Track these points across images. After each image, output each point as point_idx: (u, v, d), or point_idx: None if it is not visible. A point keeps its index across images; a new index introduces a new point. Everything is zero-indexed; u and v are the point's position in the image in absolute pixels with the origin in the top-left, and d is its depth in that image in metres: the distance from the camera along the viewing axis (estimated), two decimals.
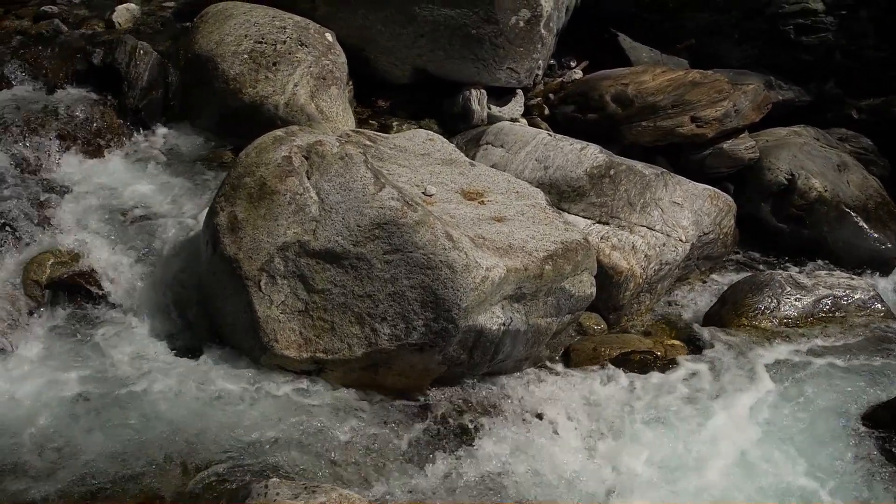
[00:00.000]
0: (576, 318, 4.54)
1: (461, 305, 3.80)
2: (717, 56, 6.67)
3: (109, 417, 3.70)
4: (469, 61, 5.77)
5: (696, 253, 5.23)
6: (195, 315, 4.33)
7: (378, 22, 5.77)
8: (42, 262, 4.34)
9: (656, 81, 5.90)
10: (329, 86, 5.35)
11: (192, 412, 3.75)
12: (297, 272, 3.92)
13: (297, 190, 3.97)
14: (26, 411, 3.73)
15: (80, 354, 4.10)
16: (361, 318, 3.89)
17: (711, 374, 4.45)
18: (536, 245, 4.15)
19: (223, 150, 5.24)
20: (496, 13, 5.57)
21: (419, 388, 4.10)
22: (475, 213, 4.27)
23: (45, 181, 4.82)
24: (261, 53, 5.31)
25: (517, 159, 5.25)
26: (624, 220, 4.98)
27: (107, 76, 5.37)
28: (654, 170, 5.28)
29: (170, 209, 4.77)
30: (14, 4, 6.44)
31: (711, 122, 5.75)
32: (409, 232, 3.82)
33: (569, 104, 6.09)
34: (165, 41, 5.90)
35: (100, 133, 5.16)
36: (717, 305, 5.05)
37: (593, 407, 4.26)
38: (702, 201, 5.25)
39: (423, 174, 4.51)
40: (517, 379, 4.33)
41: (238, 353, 4.08)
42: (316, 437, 3.70)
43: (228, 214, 4.02)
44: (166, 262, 4.50)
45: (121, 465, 3.44)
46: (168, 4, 6.70)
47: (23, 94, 5.23)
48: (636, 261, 4.84)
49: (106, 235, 4.59)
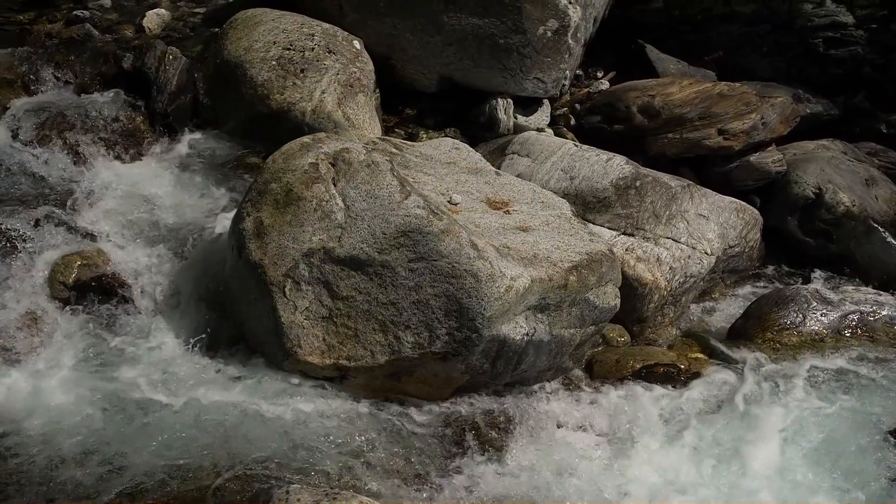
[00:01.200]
0: (599, 329, 4.52)
1: (485, 315, 3.79)
2: (744, 68, 6.65)
3: (131, 421, 3.71)
4: (496, 70, 5.78)
5: (722, 266, 5.20)
6: (219, 319, 4.34)
7: (406, 30, 5.78)
8: (69, 264, 4.37)
9: (683, 93, 5.88)
10: (356, 93, 5.37)
11: (214, 416, 3.75)
12: (321, 278, 3.93)
13: (324, 197, 3.98)
14: (48, 411, 3.75)
15: (105, 356, 4.12)
16: (385, 326, 3.89)
17: (735, 389, 4.42)
18: (561, 255, 4.14)
19: (250, 156, 5.25)
20: (524, 23, 5.58)
21: (441, 397, 4.09)
22: (500, 223, 4.27)
23: (73, 183, 4.85)
24: (289, 60, 5.33)
25: (543, 169, 5.25)
26: (649, 232, 4.96)
27: (136, 80, 5.41)
28: (680, 182, 5.26)
29: (196, 213, 4.79)
30: (47, 9, 6.50)
31: (738, 135, 5.72)
32: (434, 240, 3.82)
33: (595, 115, 6.08)
34: (195, 46, 5.94)
35: (128, 137, 5.19)
36: (741, 319, 5.01)
37: (615, 419, 4.25)
38: (728, 214, 5.22)
39: (449, 183, 4.51)
40: (539, 389, 4.32)
41: (262, 358, 4.09)
42: (337, 444, 3.70)
43: (254, 220, 4.03)
44: (192, 266, 4.52)
45: (140, 469, 3.45)
46: (198, 10, 6.75)
47: (54, 97, 5.27)
48: (661, 273, 4.82)
49: (132, 238, 4.62)
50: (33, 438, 3.59)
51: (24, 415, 3.72)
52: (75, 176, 4.92)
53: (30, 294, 4.22)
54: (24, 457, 3.47)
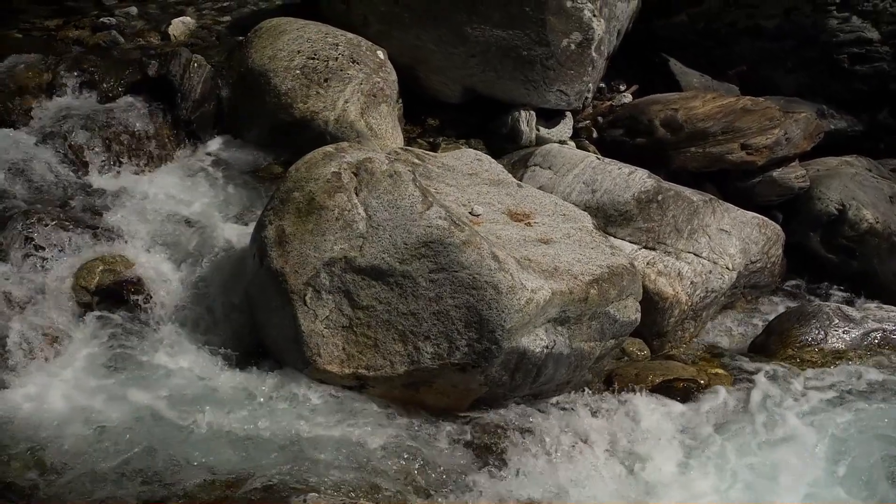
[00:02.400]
0: (619, 343, 4.51)
1: (505, 326, 3.79)
2: (768, 83, 6.62)
3: (150, 427, 3.71)
4: (519, 82, 5.78)
5: (743, 281, 5.18)
6: (240, 326, 4.36)
7: (430, 41, 5.80)
8: (91, 269, 4.39)
9: (706, 107, 5.86)
10: (379, 103, 5.38)
11: (232, 425, 3.75)
12: (342, 288, 3.93)
13: (346, 206, 3.99)
14: (68, 416, 3.77)
15: (125, 362, 4.13)
16: (405, 336, 3.89)
17: (756, 405, 4.39)
18: (582, 268, 4.13)
19: (273, 164, 5.27)
20: (548, 35, 5.59)
21: (460, 408, 4.09)
22: (521, 235, 4.27)
23: (97, 189, 4.88)
24: (313, 69, 5.35)
25: (565, 182, 5.24)
26: (671, 246, 4.95)
27: (161, 88, 5.43)
28: (703, 196, 5.25)
29: (218, 221, 4.80)
30: (74, 15, 6.56)
31: (762, 150, 5.70)
32: (456, 251, 3.82)
33: (617, 128, 6.07)
34: (219, 55, 5.96)
35: (152, 143, 5.22)
36: (763, 335, 4.99)
37: (634, 434, 4.22)
38: (750, 229, 5.20)
39: (471, 194, 4.51)
40: (558, 402, 4.31)
41: (281, 366, 4.09)
42: (355, 454, 3.69)
43: (276, 228, 4.05)
44: (213, 273, 4.54)
45: (156, 477, 3.45)
46: (223, 19, 6.79)
47: (79, 102, 5.30)
48: (682, 287, 4.80)
49: (155, 245, 4.63)
50: (46, 444, 3.59)
51: (40, 420, 3.73)
52: (98, 181, 4.94)
53: (52, 298, 4.24)
54: (34, 463, 3.49)
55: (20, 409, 3.77)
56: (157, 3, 7.08)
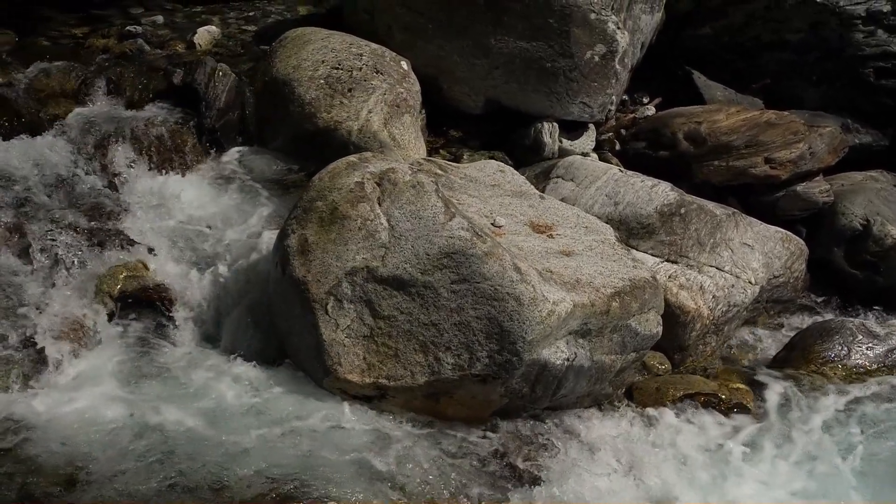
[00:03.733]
0: (640, 356, 4.49)
1: (526, 338, 3.78)
2: (793, 97, 6.59)
3: (169, 435, 3.72)
4: (542, 94, 5.78)
5: (766, 296, 5.15)
6: (261, 335, 4.37)
7: (454, 52, 5.81)
8: (115, 275, 4.42)
9: (730, 121, 5.84)
10: (402, 113, 5.39)
11: (251, 432, 3.77)
12: (363, 297, 3.94)
13: (368, 216, 4.00)
14: (90, 421, 3.79)
15: (146, 368, 4.16)
16: (425, 347, 3.89)
17: (777, 421, 4.38)
18: (604, 281, 4.12)
19: (296, 173, 5.28)
20: (572, 47, 5.58)
21: (479, 419, 4.08)
22: (543, 247, 4.26)
23: (121, 196, 4.91)
24: (337, 79, 5.37)
25: (587, 194, 5.23)
26: (693, 260, 4.93)
27: (186, 96, 5.47)
28: (726, 210, 5.22)
29: (241, 229, 4.82)
30: (101, 23, 6.62)
31: (785, 164, 5.67)
32: (478, 262, 3.82)
33: (640, 140, 6.06)
34: (244, 64, 6.01)
35: (176, 151, 5.24)
36: (785, 350, 4.96)
37: (653, 448, 4.20)
38: (773, 244, 5.18)
39: (493, 205, 4.51)
40: (578, 415, 4.30)
41: (302, 374, 4.11)
42: (374, 464, 3.69)
43: (299, 237, 4.06)
44: (235, 281, 4.56)
45: (176, 483, 3.47)
46: (248, 28, 6.83)
47: (105, 110, 5.34)
48: (704, 301, 4.78)
49: (178, 252, 4.67)
50: (67, 449, 3.62)
51: (62, 426, 3.76)
52: (123, 188, 4.97)
53: (75, 304, 4.27)
54: (57, 470, 3.50)
55: (42, 414, 3.79)
56: (182, 13, 7.14)
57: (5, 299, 4.13)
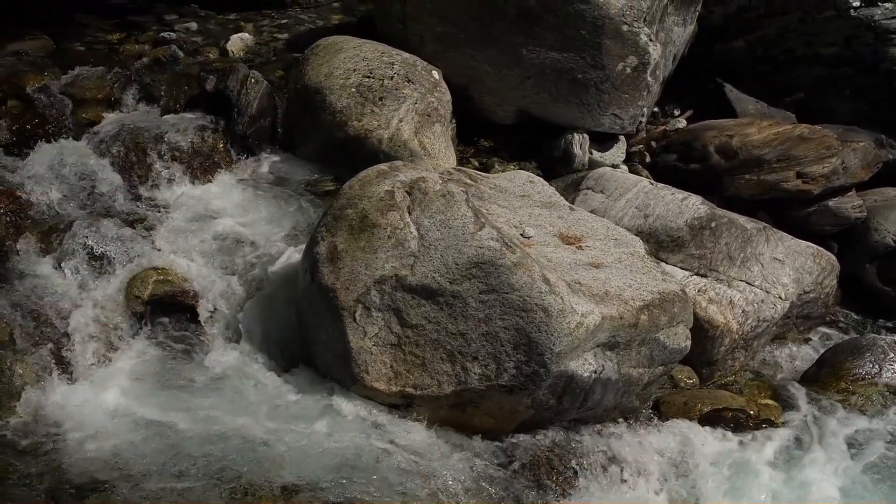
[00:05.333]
0: (668, 370, 4.46)
1: (554, 350, 3.77)
2: (826, 111, 6.54)
3: (194, 439, 3.75)
4: (573, 105, 5.77)
5: (796, 311, 5.11)
6: (289, 340, 4.39)
7: (485, 62, 5.82)
8: (145, 279, 4.46)
9: (762, 134, 5.81)
10: (433, 123, 5.40)
11: (277, 437, 3.78)
12: (392, 306, 3.95)
13: (398, 225, 4.00)
14: (120, 422, 3.83)
15: (174, 371, 4.20)
16: (453, 356, 3.89)
17: (806, 438, 4.34)
18: (633, 294, 4.10)
19: (326, 181, 5.30)
20: (604, 59, 5.58)
21: (505, 430, 4.07)
22: (572, 258, 4.25)
23: (153, 200, 4.96)
24: (368, 88, 5.39)
25: (617, 206, 5.21)
26: (723, 274, 4.89)
27: (218, 102, 5.50)
28: (756, 224, 5.19)
29: (270, 235, 4.84)
30: (135, 30, 6.69)
31: (818, 179, 5.63)
32: (507, 273, 3.81)
33: (671, 153, 6.04)
34: (276, 71, 6.05)
35: (208, 157, 5.28)
36: (814, 367, 4.92)
37: (679, 463, 4.18)
38: (804, 259, 5.13)
39: (522, 216, 4.51)
40: (605, 428, 4.28)
41: (328, 381, 4.11)
42: (396, 472, 3.69)
43: (329, 244, 4.07)
44: (264, 287, 4.58)
45: (201, 486, 3.49)
46: (281, 36, 6.87)
47: (138, 115, 5.39)
48: (733, 316, 4.75)
49: (208, 257, 4.69)
50: (98, 449, 3.66)
51: (92, 426, 3.80)
52: (155, 193, 5.02)
53: (105, 307, 4.31)
54: (82, 466, 3.55)
55: (72, 413, 3.85)
56: (216, 20, 7.20)
57: (38, 300, 4.17)
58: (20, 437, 3.70)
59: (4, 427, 3.73)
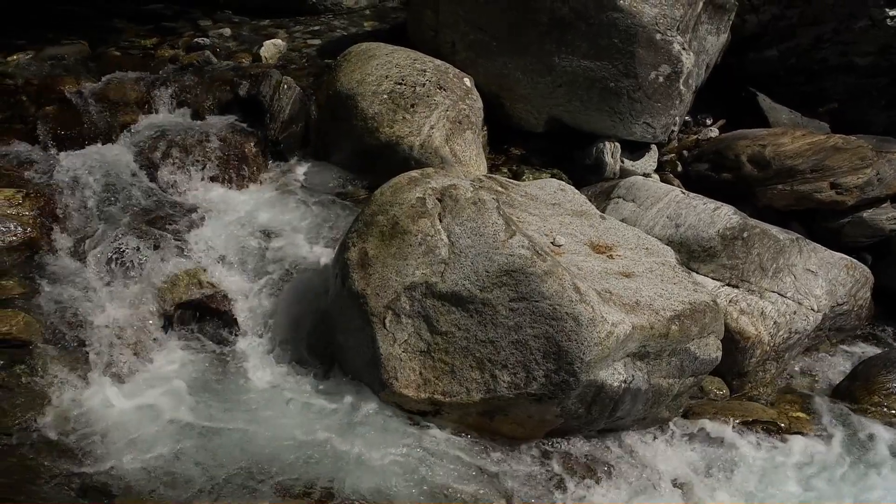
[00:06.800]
0: (698, 381, 4.43)
1: (584, 359, 3.76)
2: (860, 121, 6.46)
3: (225, 441, 3.79)
4: (605, 114, 5.76)
5: (828, 324, 5.05)
6: (318, 345, 4.41)
7: (517, 70, 5.82)
8: (177, 283, 4.49)
9: (795, 144, 5.76)
10: (464, 130, 5.41)
11: (304, 440, 3.81)
12: (422, 312, 3.95)
13: (429, 231, 4.01)
14: (150, 423, 3.88)
15: (203, 375, 4.23)
16: (482, 364, 3.89)
17: (838, 452, 4.29)
18: (664, 304, 4.08)
19: (357, 187, 5.33)
20: (636, 67, 5.55)
21: (534, 439, 4.07)
22: (603, 267, 4.23)
23: (185, 205, 5.00)
24: (400, 94, 5.40)
25: (648, 215, 5.19)
26: (754, 285, 4.86)
27: (251, 108, 5.55)
28: (789, 235, 5.14)
29: (301, 240, 4.87)
30: (170, 35, 6.75)
31: (852, 190, 5.57)
32: (537, 281, 3.80)
33: (703, 162, 6.00)
34: (309, 77, 6.07)
35: (240, 162, 5.31)
36: (847, 380, 4.86)
37: (708, 475, 4.15)
38: (837, 271, 5.07)
39: (553, 224, 4.50)
40: (633, 438, 4.26)
41: (357, 386, 4.13)
42: (424, 478, 3.71)
43: (359, 250, 4.09)
44: (294, 292, 4.60)
45: (231, 489, 3.51)
46: (313, 42, 6.91)
47: (171, 120, 5.44)
48: (764, 327, 4.71)
49: (238, 261, 4.72)
50: (125, 451, 3.71)
51: (121, 427, 3.85)
52: (187, 197, 5.06)
53: (137, 309, 4.34)
54: (112, 468, 3.60)
55: (105, 417, 3.88)
56: (249, 26, 7.25)
57: (71, 302, 4.21)
58: (52, 437, 3.75)
59: (37, 427, 3.78)
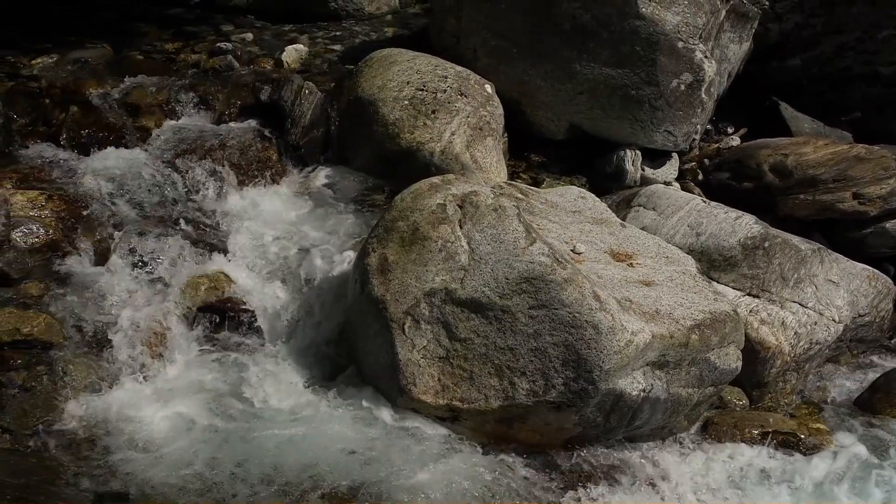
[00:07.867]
0: (718, 391, 4.41)
1: (603, 367, 3.75)
2: (884, 131, 6.41)
3: (243, 446, 3.79)
4: (626, 121, 5.74)
5: (850, 335, 5.02)
6: (337, 351, 4.41)
7: (538, 77, 5.82)
8: (196, 286, 4.51)
9: (818, 154, 5.72)
10: (485, 136, 5.40)
11: (322, 445, 3.81)
12: (441, 319, 3.95)
13: (449, 238, 4.01)
14: (166, 429, 3.88)
15: (223, 377, 4.24)
16: (501, 371, 3.88)
17: (858, 466, 4.24)
18: (684, 313, 4.06)
19: (377, 193, 5.32)
20: (658, 75, 5.54)
21: (552, 447, 4.05)
22: (623, 275, 4.22)
23: (205, 209, 5.02)
24: (421, 101, 5.40)
25: (669, 223, 5.17)
26: (775, 295, 4.83)
27: (272, 112, 5.57)
28: (811, 245, 5.11)
29: (321, 245, 4.87)
30: (192, 39, 6.79)
31: (875, 200, 5.53)
32: (557, 289, 3.80)
33: (724, 171, 5.97)
34: (330, 82, 6.08)
35: (261, 167, 5.34)
36: (868, 392, 4.82)
37: (727, 486, 4.12)
38: (859, 281, 5.04)
39: (573, 231, 4.49)
40: (652, 447, 4.24)
41: (375, 392, 4.13)
42: (441, 484, 3.69)
43: (379, 256, 4.09)
44: (313, 297, 4.61)
45: (249, 491, 3.52)
46: (335, 47, 6.93)
47: (193, 124, 5.47)
48: (785, 337, 4.68)
49: (258, 265, 4.74)
50: (143, 453, 3.73)
51: (139, 430, 3.86)
52: (208, 201, 5.08)
53: (158, 312, 4.36)
54: (131, 470, 3.61)
55: (125, 420, 3.90)
56: (271, 31, 7.28)
57: (92, 304, 4.24)
58: (72, 438, 3.77)
59: (56, 428, 3.80)
